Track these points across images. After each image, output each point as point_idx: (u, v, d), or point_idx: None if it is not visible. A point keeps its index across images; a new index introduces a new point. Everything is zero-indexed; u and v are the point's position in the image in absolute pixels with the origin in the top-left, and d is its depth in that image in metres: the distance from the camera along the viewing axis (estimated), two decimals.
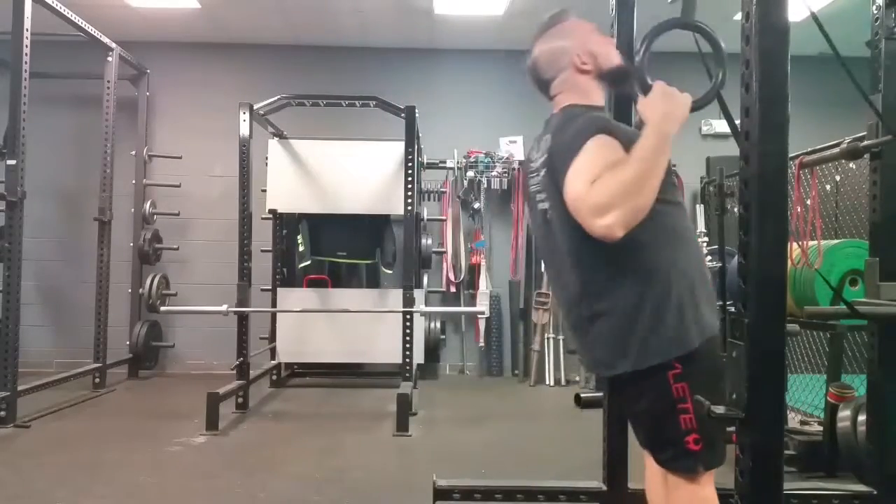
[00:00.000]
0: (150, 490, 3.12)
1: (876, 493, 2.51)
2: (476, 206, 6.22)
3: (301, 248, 5.75)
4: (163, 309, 5.47)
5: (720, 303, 3.23)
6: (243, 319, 4.72)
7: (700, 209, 6.11)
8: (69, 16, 4.77)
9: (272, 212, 5.59)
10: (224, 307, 4.47)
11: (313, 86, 5.71)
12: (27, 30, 4.21)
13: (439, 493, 2.51)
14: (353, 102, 5.11)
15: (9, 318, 4.16)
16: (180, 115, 6.34)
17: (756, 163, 1.42)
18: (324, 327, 5.40)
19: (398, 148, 5.04)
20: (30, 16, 4.22)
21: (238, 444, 3.92)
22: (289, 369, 6.05)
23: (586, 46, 1.71)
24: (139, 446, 3.78)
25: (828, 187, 4.33)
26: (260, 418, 4.57)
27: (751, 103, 1.43)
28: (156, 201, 6.05)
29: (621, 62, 1.75)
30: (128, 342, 5.86)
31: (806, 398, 3.87)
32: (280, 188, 5.45)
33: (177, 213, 6.06)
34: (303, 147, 5.47)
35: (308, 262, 5.68)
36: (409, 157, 4.76)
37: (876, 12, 2.57)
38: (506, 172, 6.14)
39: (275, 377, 5.69)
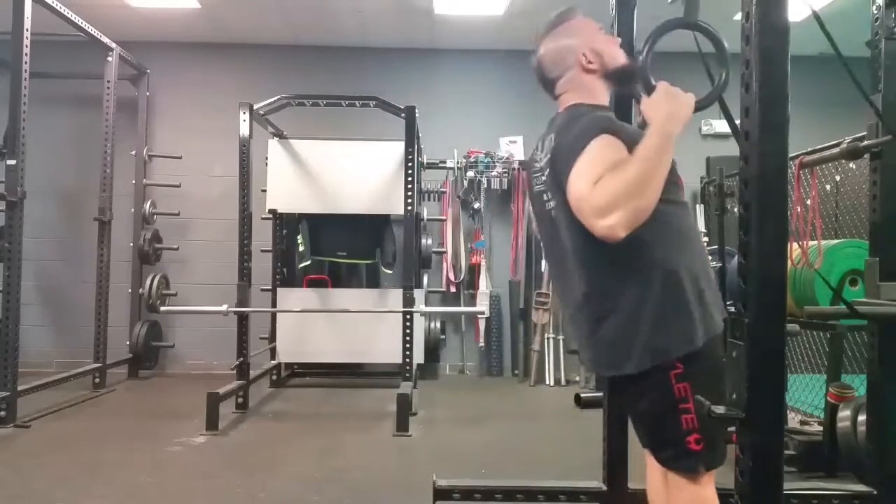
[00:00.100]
0: (150, 490, 3.12)
1: (876, 493, 2.51)
2: (476, 206, 6.22)
3: (301, 248, 5.75)
4: (163, 309, 5.47)
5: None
6: (243, 319, 4.72)
7: (700, 209, 6.11)
8: (69, 16, 4.77)
9: (272, 212, 5.59)
10: (224, 307, 4.48)
11: (313, 86, 5.71)
12: (27, 30, 4.21)
13: (439, 493, 2.52)
14: (353, 102, 5.11)
15: (9, 318, 4.16)
16: (180, 115, 6.34)
17: (756, 163, 1.42)
18: (324, 327, 5.40)
19: (398, 148, 5.04)
20: (30, 16, 4.22)
21: (238, 444, 3.92)
22: (289, 369, 6.05)
23: (592, 45, 1.71)
24: (139, 446, 3.78)
25: (828, 187, 4.33)
26: (260, 418, 4.57)
27: (751, 103, 1.43)
28: (156, 201, 6.05)
29: (627, 62, 1.74)
30: (128, 342, 5.86)
31: (806, 398, 3.87)
32: (280, 188, 5.45)
33: (177, 213, 6.06)
34: (303, 147, 5.47)
35: (308, 262, 5.68)
36: (409, 157, 4.76)
37: (876, 12, 2.57)
38: (506, 172, 6.14)
39: (275, 377, 5.69)
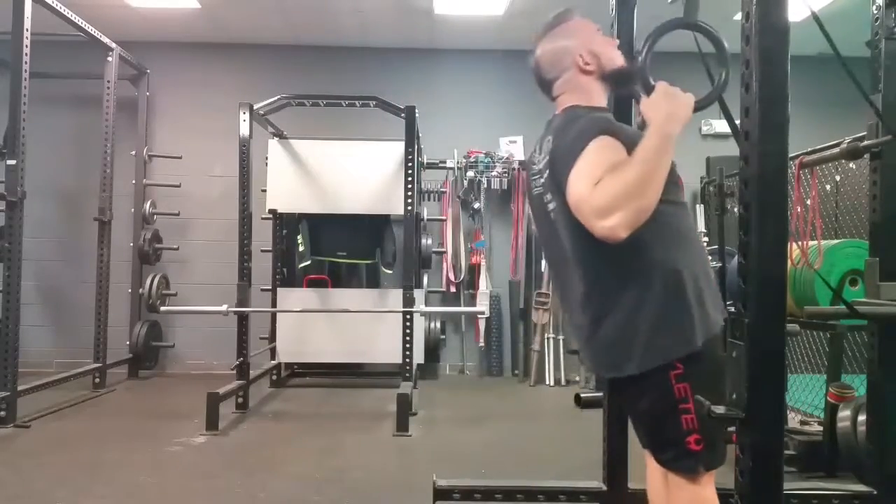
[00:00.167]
0: (150, 490, 3.12)
1: (876, 493, 2.51)
2: (476, 206, 6.22)
3: (301, 248, 5.75)
4: (163, 309, 5.47)
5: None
6: (243, 319, 4.72)
7: (700, 209, 6.11)
8: (69, 16, 4.77)
9: (272, 212, 5.59)
10: (224, 307, 4.48)
11: (313, 86, 5.71)
12: (27, 30, 4.21)
13: (439, 493, 2.52)
14: (353, 102, 5.10)
15: (9, 318, 4.16)
16: (180, 115, 6.34)
17: (756, 163, 1.42)
18: (324, 327, 5.40)
19: (398, 148, 5.04)
20: (30, 16, 4.22)
21: (238, 444, 3.92)
22: (289, 369, 6.04)
23: (589, 47, 1.71)
24: (139, 446, 3.78)
25: (828, 187, 4.33)
26: (260, 418, 4.57)
27: (751, 103, 1.43)
28: (156, 201, 6.05)
29: (624, 63, 1.74)
30: (128, 342, 5.86)
31: (806, 398, 3.87)
32: (280, 188, 5.45)
33: (177, 213, 6.06)
34: (303, 147, 5.47)
35: (308, 262, 5.68)
36: (409, 157, 4.76)
37: (876, 12, 2.57)
38: (506, 172, 6.14)
39: (275, 377, 5.69)
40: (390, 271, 5.74)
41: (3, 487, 3.09)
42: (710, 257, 4.05)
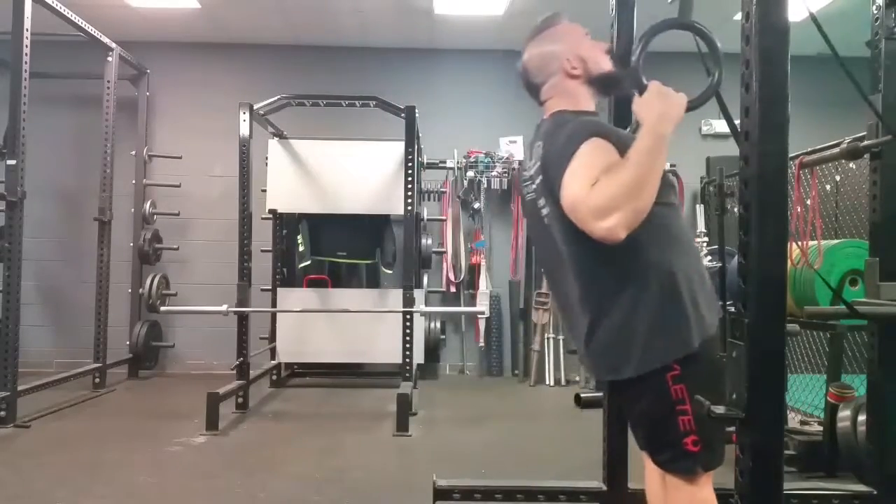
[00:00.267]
0: (150, 490, 3.12)
1: (876, 493, 2.50)
2: (476, 206, 6.22)
3: (301, 248, 5.75)
4: (163, 309, 5.47)
5: (720, 302, 3.24)
6: (243, 319, 4.72)
7: (700, 209, 6.12)
8: (69, 16, 4.77)
9: (272, 212, 5.60)
10: (224, 307, 4.48)
11: (313, 86, 5.71)
12: (27, 30, 4.21)
13: (439, 493, 2.52)
14: (353, 102, 5.11)
15: (9, 318, 4.16)
16: (180, 115, 6.34)
17: (756, 163, 1.42)
18: (324, 327, 5.40)
19: (398, 148, 5.04)
20: (30, 16, 4.22)
21: (238, 444, 3.92)
22: (289, 369, 6.05)
23: (576, 51, 1.70)
24: (139, 446, 3.78)
25: (828, 187, 4.33)
26: (260, 418, 4.57)
27: (751, 103, 1.43)
28: (156, 201, 6.05)
29: (611, 68, 1.73)
30: (128, 342, 5.86)
31: (806, 398, 3.87)
32: (280, 188, 5.45)
33: (177, 213, 6.06)
34: (303, 147, 5.47)
35: (308, 262, 5.68)
36: (409, 157, 4.76)
37: (876, 12, 2.57)
38: (506, 172, 6.14)
39: (275, 377, 5.69)
40: (390, 271, 5.74)
41: (3, 487, 3.09)
42: (707, 258, 4.05)
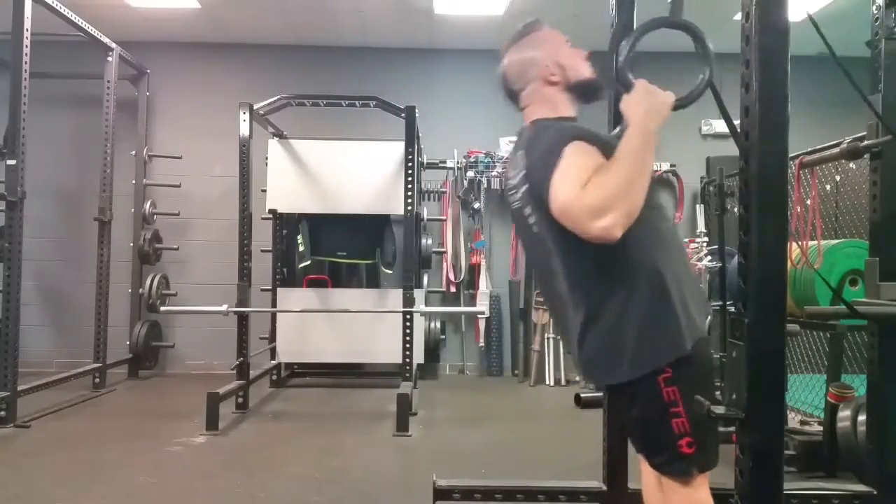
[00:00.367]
0: (150, 490, 3.12)
1: (876, 493, 2.51)
2: (476, 206, 6.22)
3: (301, 248, 5.75)
4: (163, 309, 5.47)
5: (720, 302, 3.24)
6: (243, 319, 4.72)
7: (700, 209, 6.11)
8: (69, 16, 4.77)
9: (272, 212, 5.60)
10: (224, 307, 4.48)
11: (313, 86, 5.71)
12: (27, 30, 4.21)
13: (439, 493, 2.52)
14: (353, 102, 5.11)
15: (9, 318, 4.16)
16: (180, 115, 6.34)
17: (756, 163, 1.42)
18: (324, 327, 5.40)
19: (398, 148, 5.05)
20: (30, 16, 4.22)
21: (238, 444, 3.92)
22: (289, 369, 6.04)
23: (555, 58, 1.70)
24: (139, 446, 3.78)
25: (828, 187, 4.33)
26: (260, 418, 4.57)
27: (751, 103, 1.43)
28: (156, 201, 6.05)
29: (591, 75, 1.73)
30: (128, 342, 5.86)
31: (806, 398, 3.87)
32: (280, 188, 5.45)
33: (177, 213, 6.06)
34: (303, 147, 5.47)
35: (308, 262, 5.68)
36: (409, 157, 4.76)
37: (876, 12, 2.57)
38: (506, 172, 6.13)
39: (275, 377, 5.69)
40: (390, 271, 5.74)
41: (3, 487, 3.09)
42: (707, 258, 4.05)
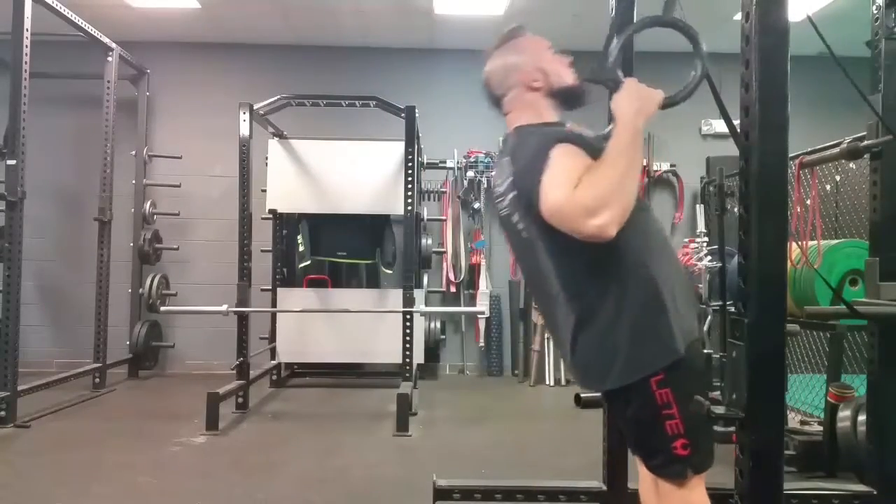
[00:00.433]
0: (150, 490, 3.12)
1: (876, 493, 2.51)
2: (476, 206, 6.22)
3: (301, 248, 5.75)
4: (163, 309, 5.47)
5: (720, 302, 3.24)
6: (243, 319, 4.72)
7: (700, 209, 6.11)
8: (69, 16, 4.77)
9: (272, 212, 5.60)
10: (224, 307, 4.48)
11: (313, 86, 5.71)
12: (27, 30, 4.21)
13: (439, 493, 2.52)
14: (353, 102, 5.11)
15: (9, 318, 4.16)
16: (180, 115, 6.34)
17: (756, 163, 1.42)
18: (324, 327, 5.40)
19: (398, 148, 5.04)
20: (30, 16, 4.22)
21: (238, 445, 3.92)
22: (289, 369, 6.04)
23: (538, 64, 1.70)
24: (139, 446, 3.78)
25: (828, 187, 4.33)
26: (260, 418, 4.57)
27: (750, 103, 1.43)
28: (156, 201, 6.05)
29: (574, 82, 1.72)
30: (128, 342, 5.86)
31: (806, 398, 3.87)
32: (280, 188, 5.45)
33: (177, 213, 6.06)
34: (303, 147, 5.47)
35: (308, 262, 5.67)
36: (409, 157, 4.76)
37: (876, 12, 2.57)
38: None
39: (275, 377, 5.69)
40: (390, 271, 5.74)
41: (3, 487, 3.08)
42: (707, 258, 4.05)
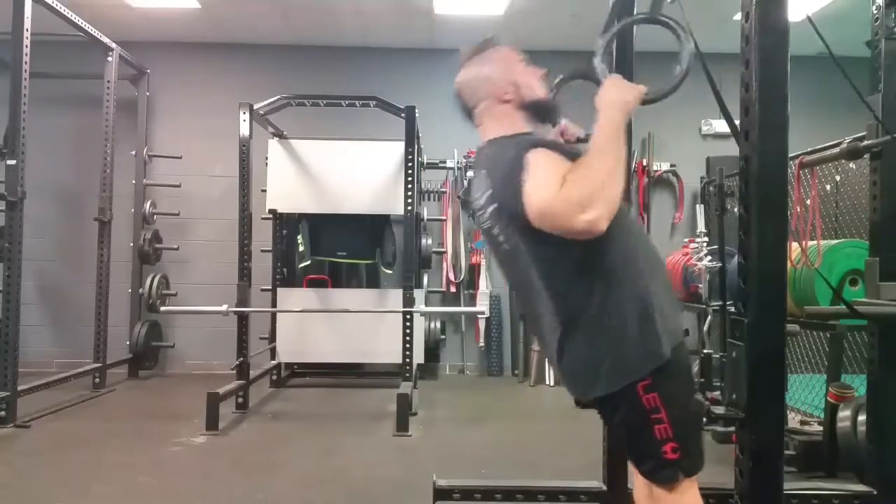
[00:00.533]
0: (150, 490, 3.12)
1: (876, 493, 2.51)
2: None
3: (301, 248, 5.75)
4: (163, 309, 5.47)
5: (720, 302, 3.24)
6: (243, 319, 4.72)
7: (700, 209, 6.11)
8: (69, 16, 4.77)
9: (272, 212, 5.59)
10: (224, 307, 4.47)
11: (313, 86, 5.71)
12: (27, 30, 4.21)
13: (439, 493, 2.52)
14: (353, 102, 5.11)
15: (9, 318, 4.16)
16: (180, 115, 6.34)
17: (756, 163, 1.42)
18: (324, 327, 5.40)
19: (398, 148, 5.04)
20: (30, 16, 4.22)
21: (238, 444, 3.92)
22: (289, 369, 6.04)
23: (509, 76, 1.70)
24: (139, 446, 3.78)
25: (828, 187, 4.33)
26: (260, 418, 4.57)
27: (750, 103, 1.43)
28: (156, 201, 6.05)
29: (545, 95, 1.72)
30: (128, 342, 5.86)
31: (806, 398, 3.87)
32: (280, 188, 5.45)
33: (177, 213, 6.06)
34: (303, 147, 5.47)
35: (308, 262, 5.67)
36: (409, 157, 4.76)
37: (876, 12, 2.57)
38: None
39: (275, 377, 5.69)
40: (390, 271, 5.74)
41: (3, 487, 3.08)
42: (707, 257, 4.05)
